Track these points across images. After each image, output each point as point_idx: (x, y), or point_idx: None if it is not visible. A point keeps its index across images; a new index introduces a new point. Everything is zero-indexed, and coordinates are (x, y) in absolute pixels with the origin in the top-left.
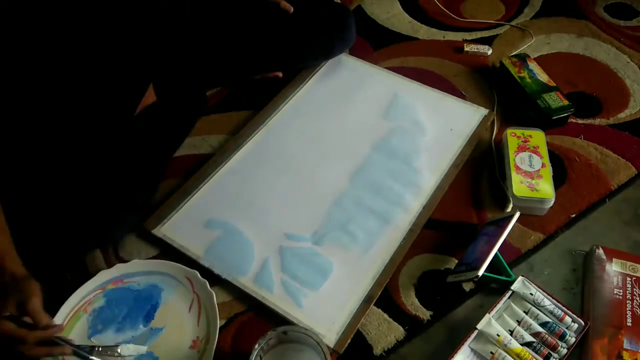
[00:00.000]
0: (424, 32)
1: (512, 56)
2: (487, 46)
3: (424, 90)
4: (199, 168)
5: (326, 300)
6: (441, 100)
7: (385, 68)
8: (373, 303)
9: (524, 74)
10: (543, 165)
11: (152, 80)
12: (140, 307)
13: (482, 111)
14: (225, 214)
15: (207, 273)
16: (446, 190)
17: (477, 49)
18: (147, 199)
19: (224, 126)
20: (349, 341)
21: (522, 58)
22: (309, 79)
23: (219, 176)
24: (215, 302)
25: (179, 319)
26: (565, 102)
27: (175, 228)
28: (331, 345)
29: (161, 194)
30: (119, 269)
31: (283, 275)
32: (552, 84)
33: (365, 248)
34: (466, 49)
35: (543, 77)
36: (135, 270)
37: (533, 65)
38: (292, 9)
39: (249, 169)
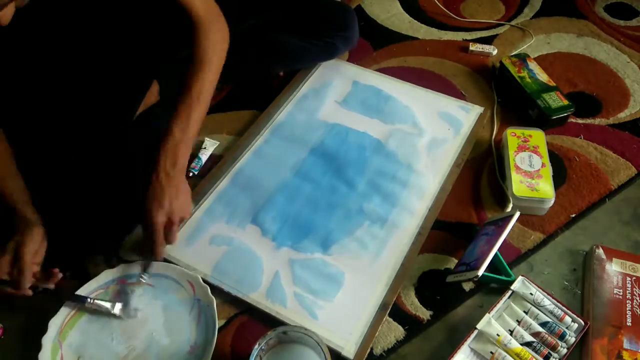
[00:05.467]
0: (424, 32)
1: (512, 56)
2: (492, 46)
3: (418, 92)
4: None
5: (341, 311)
6: (436, 100)
7: (386, 68)
8: (389, 311)
9: (524, 73)
10: (543, 165)
11: (156, 79)
12: None
13: (478, 109)
14: (230, 228)
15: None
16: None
17: (482, 48)
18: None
19: (224, 126)
20: (368, 351)
21: (522, 58)
22: (303, 84)
23: (220, 189)
24: (215, 309)
25: (178, 323)
26: (565, 102)
27: (179, 247)
28: (351, 357)
29: None
30: (122, 270)
31: (295, 288)
32: (552, 83)
33: (375, 254)
34: (472, 47)
35: (543, 77)
36: (137, 271)
37: (533, 65)
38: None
39: (250, 180)
